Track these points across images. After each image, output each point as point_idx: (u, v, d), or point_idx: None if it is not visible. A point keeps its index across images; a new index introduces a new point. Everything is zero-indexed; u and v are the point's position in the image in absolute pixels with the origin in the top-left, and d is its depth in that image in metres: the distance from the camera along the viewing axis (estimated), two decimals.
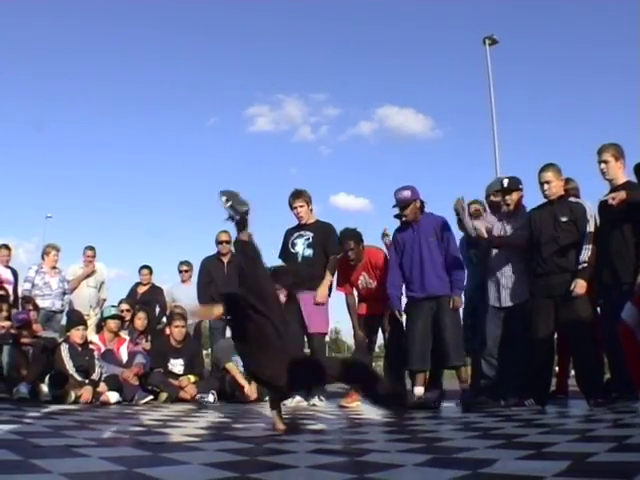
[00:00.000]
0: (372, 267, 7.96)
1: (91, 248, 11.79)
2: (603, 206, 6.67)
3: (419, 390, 7.29)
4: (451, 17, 70.97)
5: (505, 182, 7.54)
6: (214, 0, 75.58)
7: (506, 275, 7.36)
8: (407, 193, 7.47)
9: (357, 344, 8.20)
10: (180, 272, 11.24)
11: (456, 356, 7.21)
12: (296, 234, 8.45)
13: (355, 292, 8.35)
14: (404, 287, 7.65)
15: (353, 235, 8.00)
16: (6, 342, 8.31)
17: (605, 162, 6.62)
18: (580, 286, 6.55)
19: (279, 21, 75.18)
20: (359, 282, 8.01)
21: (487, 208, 8.19)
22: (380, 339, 8.45)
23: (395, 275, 7.56)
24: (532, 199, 7.53)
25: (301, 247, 8.34)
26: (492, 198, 8.05)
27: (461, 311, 7.68)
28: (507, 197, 7.48)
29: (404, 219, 7.54)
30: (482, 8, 61.12)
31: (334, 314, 8.63)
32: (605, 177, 6.69)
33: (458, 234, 7.98)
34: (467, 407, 6.70)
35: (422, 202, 7.66)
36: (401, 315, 7.47)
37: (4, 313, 8.87)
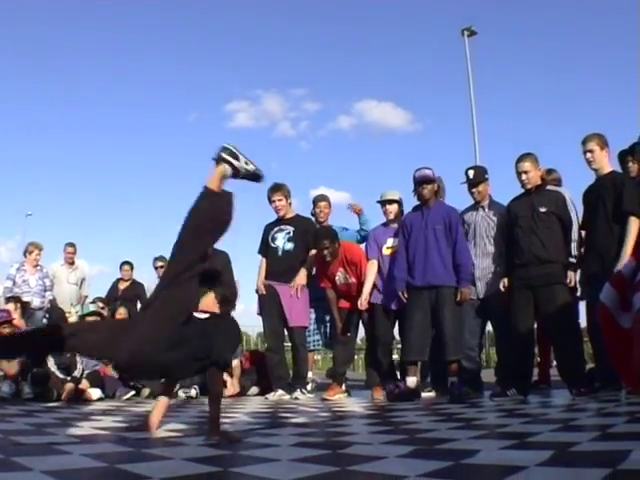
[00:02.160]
0: (348, 263, 7.90)
1: (71, 245, 11.78)
2: (590, 194, 6.71)
3: (412, 380, 7.26)
4: (428, 9, 70.79)
5: (471, 174, 7.56)
6: None
7: (481, 267, 7.39)
8: (429, 172, 7.40)
9: (339, 338, 8.17)
10: (156, 268, 10.92)
11: (454, 350, 7.10)
12: (276, 228, 8.43)
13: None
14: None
15: (328, 234, 7.94)
16: None
17: (591, 151, 6.67)
18: (572, 278, 6.63)
19: (256, 17, 74.83)
20: (337, 279, 7.96)
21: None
22: (361, 332, 8.41)
23: (402, 258, 7.49)
24: (512, 190, 7.53)
25: (281, 241, 8.33)
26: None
27: None
28: (474, 190, 7.51)
29: (422, 195, 7.44)
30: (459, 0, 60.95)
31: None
32: (591, 166, 6.73)
33: None
34: (456, 399, 6.67)
35: (439, 187, 7.63)
36: (404, 295, 7.38)
37: None
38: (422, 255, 7.30)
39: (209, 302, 4.32)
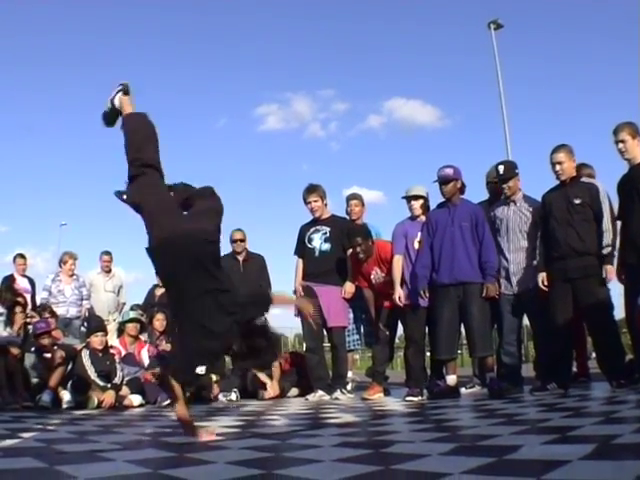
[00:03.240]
0: (382, 261, 7.89)
1: (107, 253, 11.85)
2: (624, 184, 6.65)
3: (452, 378, 7.27)
4: (453, 4, 70.54)
5: (501, 169, 7.50)
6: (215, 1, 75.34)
7: (515, 262, 7.34)
8: (449, 170, 7.39)
9: (377, 337, 8.14)
10: None
11: (482, 346, 7.10)
12: (312, 229, 8.45)
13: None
14: (432, 272, 7.45)
15: (360, 231, 7.93)
16: (28, 350, 8.35)
17: (623, 141, 6.59)
18: (610, 272, 6.55)
19: (282, 19, 74.92)
20: (372, 277, 7.95)
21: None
22: (400, 330, 8.38)
23: (425, 256, 7.44)
24: (545, 183, 7.48)
25: (318, 242, 8.34)
26: (494, 183, 8.05)
27: None
28: (504, 185, 7.45)
29: (443, 194, 7.44)
30: None
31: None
32: (624, 156, 6.64)
33: None
34: (497, 395, 6.64)
35: (463, 184, 7.61)
36: (425, 294, 7.37)
37: (21, 321, 8.91)
38: (449, 252, 7.27)
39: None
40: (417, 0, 74.36)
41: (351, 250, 7.96)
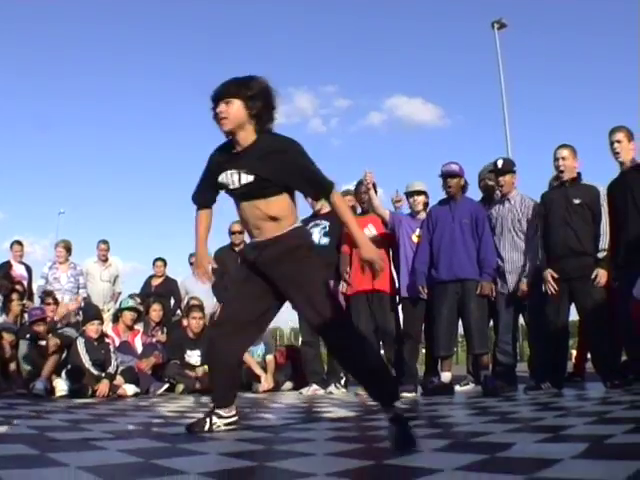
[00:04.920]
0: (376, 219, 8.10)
1: (104, 242, 11.85)
2: (615, 188, 6.66)
3: (446, 375, 7.28)
4: (457, 3, 70.44)
5: (499, 163, 7.52)
6: None
7: (510, 260, 7.35)
8: (455, 166, 7.43)
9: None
10: (191, 264, 10.95)
11: (479, 344, 7.13)
12: (312, 223, 8.43)
13: None
14: (430, 269, 7.50)
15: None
16: (23, 337, 8.36)
17: (618, 142, 6.60)
18: (601, 275, 6.54)
19: (285, 15, 74.96)
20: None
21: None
22: None
23: (424, 252, 7.48)
24: (543, 185, 7.50)
25: (317, 236, 8.32)
26: (487, 182, 8.09)
27: None
28: (500, 178, 7.47)
29: (449, 189, 7.46)
30: None
31: None
32: (618, 158, 6.66)
33: None
34: (491, 393, 6.65)
35: (466, 182, 7.66)
36: (424, 290, 7.39)
37: (17, 308, 8.93)
38: (448, 248, 7.30)
39: None
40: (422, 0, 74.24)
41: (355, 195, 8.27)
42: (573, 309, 6.89)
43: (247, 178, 3.82)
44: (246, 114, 3.78)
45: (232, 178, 3.87)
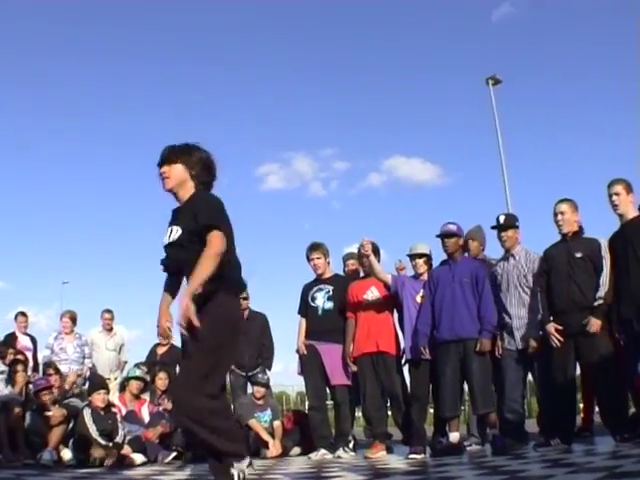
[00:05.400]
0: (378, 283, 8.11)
1: (109, 311, 11.86)
2: (616, 241, 6.70)
3: (454, 436, 7.23)
4: (451, 61, 71.14)
5: (501, 218, 7.54)
6: (212, 60, 75.78)
7: (517, 316, 7.30)
8: (452, 226, 7.50)
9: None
10: None
11: (483, 403, 7.11)
12: (315, 288, 8.47)
13: None
14: (433, 329, 7.48)
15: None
16: (29, 408, 8.35)
17: (617, 194, 6.64)
18: (594, 324, 6.52)
19: (280, 78, 75.69)
20: (367, 297, 8.06)
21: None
22: None
23: (427, 313, 7.49)
24: (546, 238, 7.52)
25: (321, 300, 8.35)
26: (470, 241, 8.11)
27: None
28: (502, 234, 7.47)
29: (446, 248, 7.52)
30: (482, 50, 61.32)
31: None
32: (616, 211, 6.69)
33: None
34: (501, 452, 6.59)
35: (465, 242, 7.74)
36: (426, 351, 7.38)
37: (22, 380, 8.93)
38: (450, 307, 7.30)
39: None
40: (417, 59, 75.02)
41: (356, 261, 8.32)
42: None
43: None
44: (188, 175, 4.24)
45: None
